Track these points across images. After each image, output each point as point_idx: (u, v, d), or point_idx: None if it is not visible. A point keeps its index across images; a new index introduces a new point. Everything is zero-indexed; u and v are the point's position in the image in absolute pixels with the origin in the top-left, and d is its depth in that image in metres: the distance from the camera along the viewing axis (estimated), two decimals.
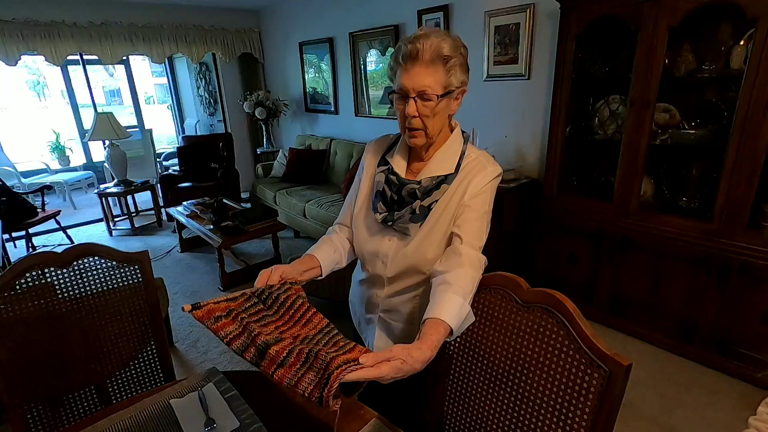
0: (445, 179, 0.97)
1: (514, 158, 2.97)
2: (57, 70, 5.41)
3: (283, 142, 5.57)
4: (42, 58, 4.04)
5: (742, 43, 1.87)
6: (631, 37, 2.07)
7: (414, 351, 0.69)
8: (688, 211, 2.17)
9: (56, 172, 6.35)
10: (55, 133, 7.00)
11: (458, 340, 0.97)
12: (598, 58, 2.36)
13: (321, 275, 1.02)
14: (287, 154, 4.52)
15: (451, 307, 0.77)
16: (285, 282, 0.90)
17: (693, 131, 2.08)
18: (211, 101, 5.89)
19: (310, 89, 4.87)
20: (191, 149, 4.80)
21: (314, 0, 4.37)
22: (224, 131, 5.54)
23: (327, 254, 1.05)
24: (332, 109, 4.61)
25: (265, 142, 5.27)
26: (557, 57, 2.35)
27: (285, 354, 0.69)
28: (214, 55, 5.24)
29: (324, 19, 4.33)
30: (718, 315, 2.01)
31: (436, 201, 0.97)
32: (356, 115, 4.32)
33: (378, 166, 1.06)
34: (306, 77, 4.86)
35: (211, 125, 6.10)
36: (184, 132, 6.80)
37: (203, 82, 5.94)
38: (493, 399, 0.86)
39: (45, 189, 4.03)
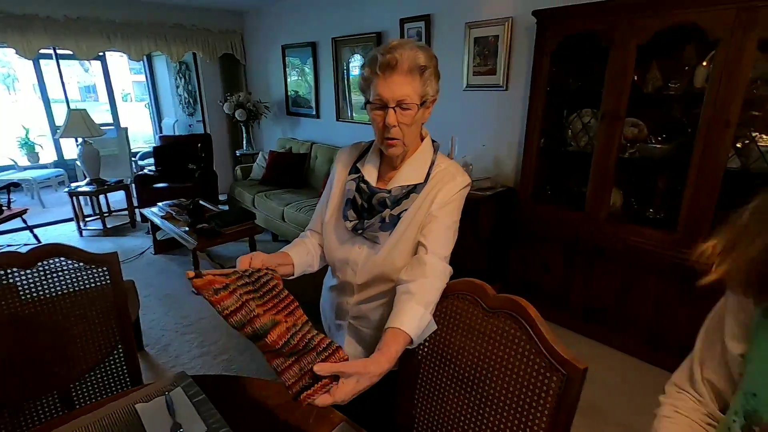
0: (415, 188, 0.99)
1: (492, 167, 3.03)
2: (28, 63, 5.24)
3: (263, 145, 5.52)
4: (12, 50, 3.91)
5: (704, 63, 1.97)
6: (603, 54, 2.15)
7: (371, 366, 0.73)
8: (655, 222, 2.26)
9: (24, 169, 6.12)
10: (24, 128, 6.76)
11: (427, 344, 0.99)
12: (572, 72, 2.44)
13: (293, 274, 1.02)
14: (267, 157, 4.49)
15: (412, 317, 0.79)
16: (267, 269, 0.90)
17: (659, 145, 2.17)
18: (191, 101, 5.80)
19: (292, 92, 4.86)
20: (168, 149, 4.71)
21: (298, 4, 4.37)
22: (203, 132, 5.46)
23: (300, 255, 1.05)
24: (314, 113, 4.61)
25: (245, 144, 5.22)
26: (533, 70, 2.42)
27: (281, 344, 0.73)
28: (194, 54, 5.17)
29: (307, 24, 4.33)
30: (684, 322, 2.09)
31: (406, 210, 0.98)
32: (338, 120, 4.32)
33: (349, 174, 1.06)
34: (288, 80, 4.85)
35: (190, 125, 6.00)
36: (161, 131, 6.67)
37: (183, 82, 5.85)
38: (459, 401, 0.88)
39: (11, 186, 3.89)
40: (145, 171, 4.91)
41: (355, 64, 3.96)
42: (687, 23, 1.85)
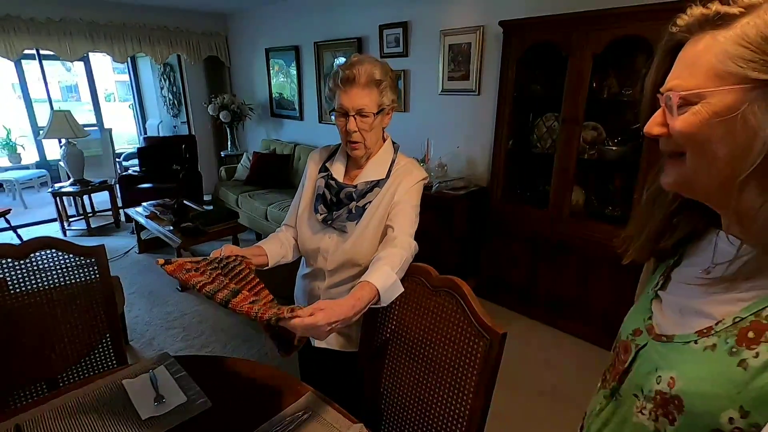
0: (378, 183, 1.13)
1: (465, 168, 3.18)
2: (7, 62, 5.22)
3: (247, 146, 5.60)
4: None
5: None
6: (564, 62, 2.31)
7: (340, 301, 0.83)
8: (613, 219, 2.43)
9: (6, 169, 6.09)
10: (5, 128, 6.70)
11: (388, 323, 1.12)
12: (536, 79, 2.61)
13: (268, 264, 1.14)
14: (251, 158, 4.58)
15: (379, 275, 0.91)
16: (238, 256, 1.01)
17: (615, 148, 2.34)
18: (175, 102, 5.84)
19: (276, 94, 4.95)
20: (152, 150, 4.76)
21: (281, 8, 4.47)
22: (188, 133, 5.51)
23: (274, 247, 1.17)
24: (297, 114, 4.71)
25: (229, 145, 5.29)
26: (500, 76, 2.58)
27: (251, 299, 0.82)
28: (179, 56, 5.23)
29: (290, 28, 4.44)
30: None
31: (370, 202, 1.12)
32: (320, 122, 4.44)
33: (319, 173, 1.20)
34: (272, 82, 4.94)
35: (174, 126, 6.04)
36: (145, 132, 6.68)
37: (167, 83, 5.89)
38: (409, 369, 1.01)
39: None
40: (130, 172, 4.96)
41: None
42: (633, 35, 2.02)
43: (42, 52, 5.16)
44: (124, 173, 4.96)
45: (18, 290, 1.24)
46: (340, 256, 1.15)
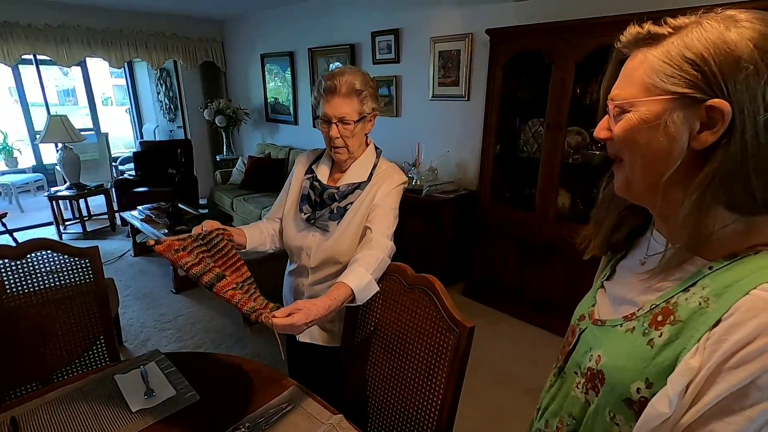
0: (359, 186, 1.19)
1: (455, 171, 3.25)
2: (6, 67, 5.27)
3: (243, 150, 5.66)
4: None
5: None
6: (547, 69, 2.39)
7: (316, 301, 0.89)
8: None
9: (3, 173, 6.12)
10: (2, 133, 6.74)
11: (371, 320, 1.17)
12: (523, 85, 2.68)
13: (245, 246, 1.21)
14: (246, 162, 4.63)
15: (354, 276, 0.97)
16: (218, 229, 1.08)
17: (598, 152, 2.41)
18: (172, 107, 5.90)
19: (272, 99, 5.02)
20: (148, 154, 4.81)
21: (276, 15, 4.55)
22: (184, 137, 5.56)
23: (254, 233, 1.24)
24: (292, 119, 4.77)
25: (225, 150, 5.35)
26: (488, 82, 2.65)
27: (234, 285, 0.89)
28: (175, 62, 5.29)
29: (285, 34, 4.51)
30: None
31: (351, 203, 1.18)
32: (314, 127, 4.50)
33: (306, 174, 1.27)
34: (267, 87, 5.01)
35: (171, 131, 6.09)
36: (142, 137, 6.73)
37: (164, 88, 5.94)
38: (387, 363, 1.06)
39: None
40: (126, 175, 5.00)
41: None
42: (612, 44, 2.08)
43: (39, 57, 5.23)
44: (120, 177, 5.00)
45: (14, 291, 1.28)
46: (322, 253, 1.21)
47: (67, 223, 4.55)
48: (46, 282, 1.32)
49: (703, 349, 0.44)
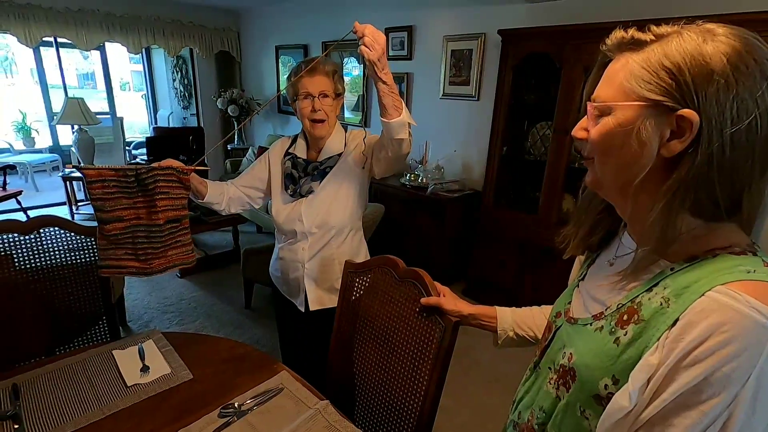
0: (339, 155, 1.33)
1: (461, 171, 3.25)
2: (27, 49, 5.38)
3: (254, 140, 5.72)
4: (14, 38, 4.07)
5: None
6: (557, 72, 2.38)
7: (381, 39, 1.07)
8: None
9: (20, 152, 6.26)
10: (22, 113, 6.89)
11: (361, 312, 1.19)
12: (532, 87, 2.67)
13: (203, 197, 1.31)
14: (257, 152, 4.68)
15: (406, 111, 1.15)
16: (171, 167, 1.13)
17: None
18: (186, 94, 5.97)
19: (284, 91, 5.04)
20: (161, 140, 4.88)
21: (292, 7, 4.58)
22: (197, 125, 5.63)
23: (214, 189, 1.34)
24: None
25: (236, 139, 5.40)
26: (497, 84, 2.65)
27: (113, 233, 1.06)
28: (191, 50, 5.35)
29: (300, 27, 4.54)
30: None
31: (331, 166, 1.32)
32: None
33: (284, 157, 1.39)
34: (281, 79, 5.04)
35: (184, 118, 6.17)
36: (156, 122, 6.83)
37: (179, 75, 6.02)
38: (375, 353, 1.09)
39: (7, 168, 4.05)
40: (138, 160, 5.09)
41: (346, 68, 4.17)
42: None
43: (59, 40, 5.32)
44: (132, 161, 5.09)
45: (21, 266, 1.33)
46: (314, 214, 1.32)
47: (79, 203, 4.65)
48: (53, 259, 1.37)
49: (662, 347, 0.46)
